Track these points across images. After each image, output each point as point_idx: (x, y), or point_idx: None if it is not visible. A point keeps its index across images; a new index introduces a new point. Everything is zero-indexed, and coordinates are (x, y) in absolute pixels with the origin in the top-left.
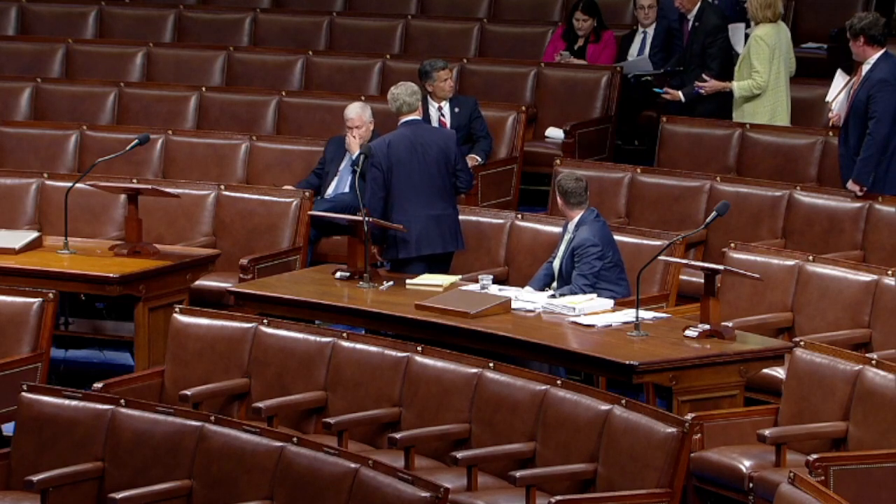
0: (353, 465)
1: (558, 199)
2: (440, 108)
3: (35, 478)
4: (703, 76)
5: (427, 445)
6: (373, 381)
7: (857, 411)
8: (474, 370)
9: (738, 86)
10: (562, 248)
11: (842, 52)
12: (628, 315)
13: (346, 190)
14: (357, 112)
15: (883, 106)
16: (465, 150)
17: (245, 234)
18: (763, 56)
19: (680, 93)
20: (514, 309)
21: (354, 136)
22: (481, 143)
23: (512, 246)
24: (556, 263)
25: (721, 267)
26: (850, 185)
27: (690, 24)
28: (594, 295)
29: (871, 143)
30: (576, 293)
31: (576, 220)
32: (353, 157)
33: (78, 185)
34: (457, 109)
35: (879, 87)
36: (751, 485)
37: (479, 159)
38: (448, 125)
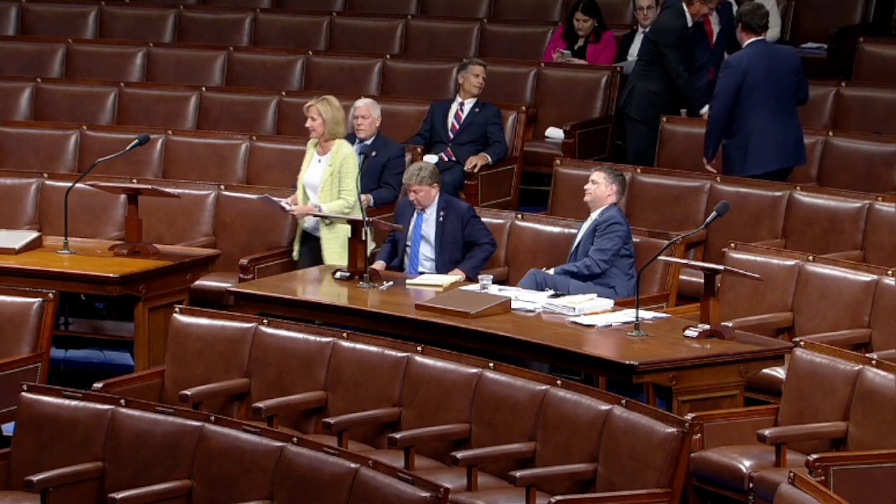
0: (353, 465)
1: (609, 185)
2: (462, 104)
3: (35, 478)
4: None
5: (427, 445)
6: (373, 381)
7: (857, 411)
8: (474, 370)
9: (331, 209)
10: (582, 231)
11: (841, 52)
12: (628, 315)
13: None
14: (366, 104)
15: (720, 84)
16: (472, 149)
17: (245, 234)
18: (354, 174)
19: None
20: (514, 309)
21: (359, 126)
22: (495, 147)
23: (512, 246)
24: (574, 247)
25: (721, 267)
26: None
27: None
28: (594, 295)
29: (709, 120)
30: (590, 268)
31: (601, 209)
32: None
33: (78, 185)
34: (477, 110)
35: (723, 67)
36: (751, 485)
37: (490, 158)
38: (463, 119)
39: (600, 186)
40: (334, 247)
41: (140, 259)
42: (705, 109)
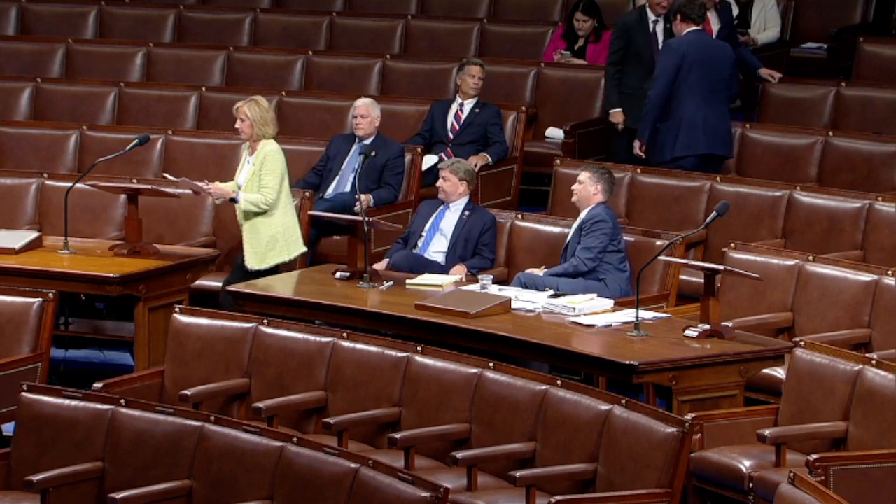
0: (353, 465)
1: (594, 184)
2: (461, 105)
3: (35, 478)
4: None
5: (427, 445)
6: (373, 381)
7: (857, 411)
8: (474, 370)
9: (245, 198)
10: (571, 231)
11: (841, 52)
12: (628, 315)
13: (347, 190)
14: (365, 104)
15: (660, 66)
16: (473, 150)
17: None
18: (276, 172)
19: None
20: (514, 309)
21: (358, 125)
22: (495, 147)
23: (512, 246)
24: (564, 248)
25: (721, 267)
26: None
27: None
28: (594, 294)
29: (647, 102)
30: (578, 267)
31: (589, 208)
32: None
33: (78, 185)
34: (477, 110)
35: (664, 51)
36: (751, 485)
37: (490, 159)
38: (463, 119)
39: (586, 186)
40: (255, 247)
41: (140, 259)
42: (614, 112)
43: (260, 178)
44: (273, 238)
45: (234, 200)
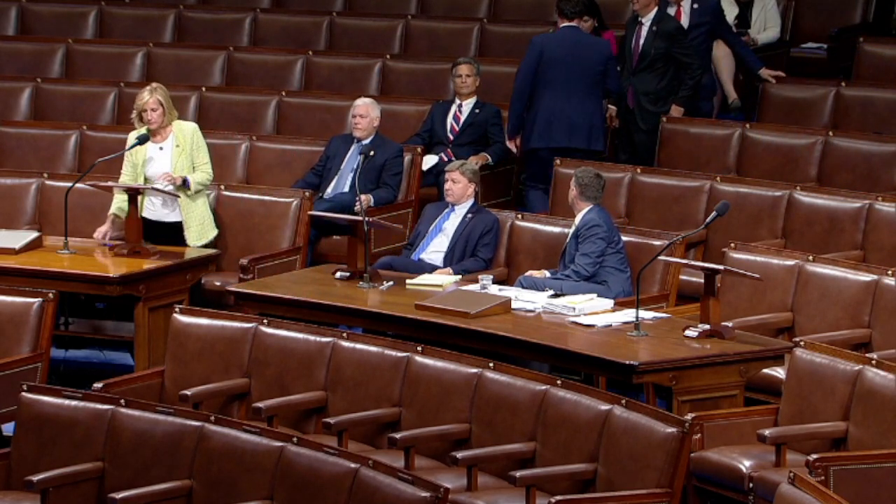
0: (353, 465)
1: (573, 188)
2: (460, 106)
3: (35, 478)
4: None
5: (427, 445)
6: (373, 381)
7: (857, 411)
8: (474, 370)
9: (195, 180)
10: (568, 236)
11: (841, 52)
12: (628, 315)
13: (346, 190)
14: (365, 104)
15: (522, 63)
16: (473, 150)
17: (245, 234)
18: (206, 148)
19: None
20: (514, 309)
21: (357, 125)
22: (495, 147)
23: (512, 246)
24: (561, 253)
25: (721, 267)
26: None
27: (647, 27)
28: (594, 294)
29: (512, 95)
30: (579, 273)
31: (582, 213)
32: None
33: (78, 185)
34: (477, 111)
35: (529, 47)
36: (751, 485)
37: (490, 158)
38: (462, 120)
39: (571, 190)
40: (192, 225)
41: (140, 259)
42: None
43: (193, 157)
44: (205, 215)
45: (185, 183)
